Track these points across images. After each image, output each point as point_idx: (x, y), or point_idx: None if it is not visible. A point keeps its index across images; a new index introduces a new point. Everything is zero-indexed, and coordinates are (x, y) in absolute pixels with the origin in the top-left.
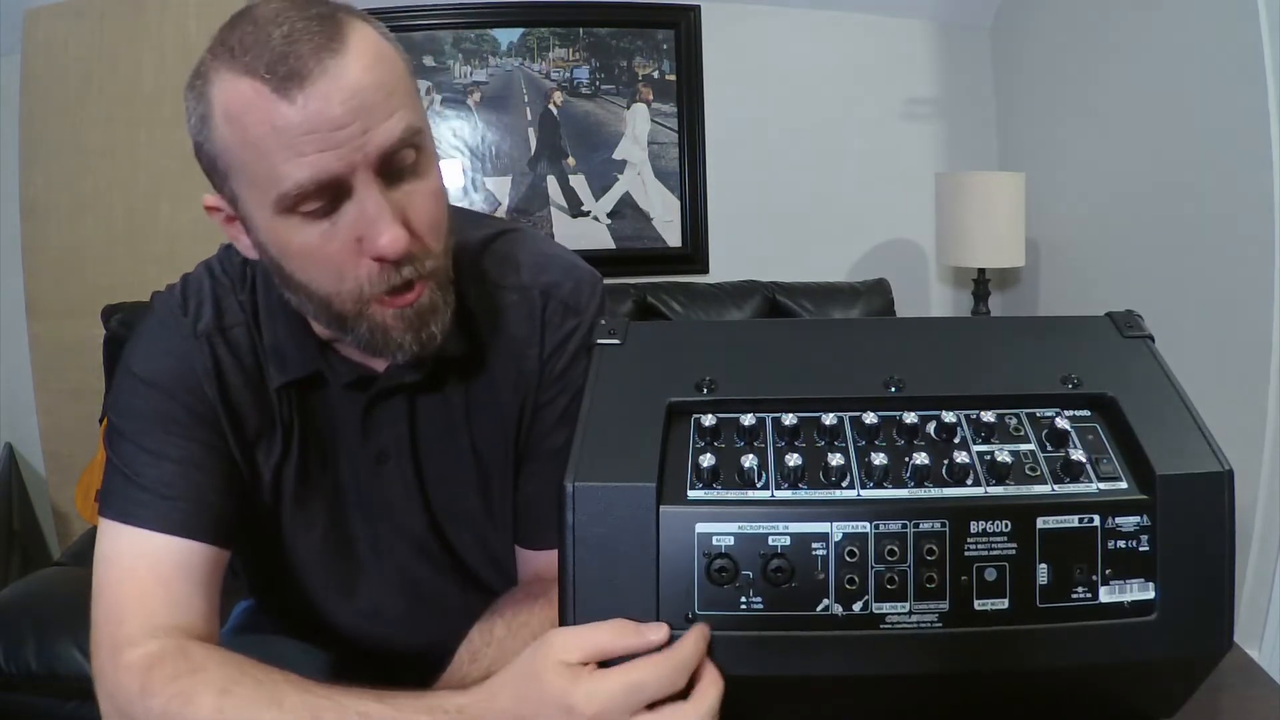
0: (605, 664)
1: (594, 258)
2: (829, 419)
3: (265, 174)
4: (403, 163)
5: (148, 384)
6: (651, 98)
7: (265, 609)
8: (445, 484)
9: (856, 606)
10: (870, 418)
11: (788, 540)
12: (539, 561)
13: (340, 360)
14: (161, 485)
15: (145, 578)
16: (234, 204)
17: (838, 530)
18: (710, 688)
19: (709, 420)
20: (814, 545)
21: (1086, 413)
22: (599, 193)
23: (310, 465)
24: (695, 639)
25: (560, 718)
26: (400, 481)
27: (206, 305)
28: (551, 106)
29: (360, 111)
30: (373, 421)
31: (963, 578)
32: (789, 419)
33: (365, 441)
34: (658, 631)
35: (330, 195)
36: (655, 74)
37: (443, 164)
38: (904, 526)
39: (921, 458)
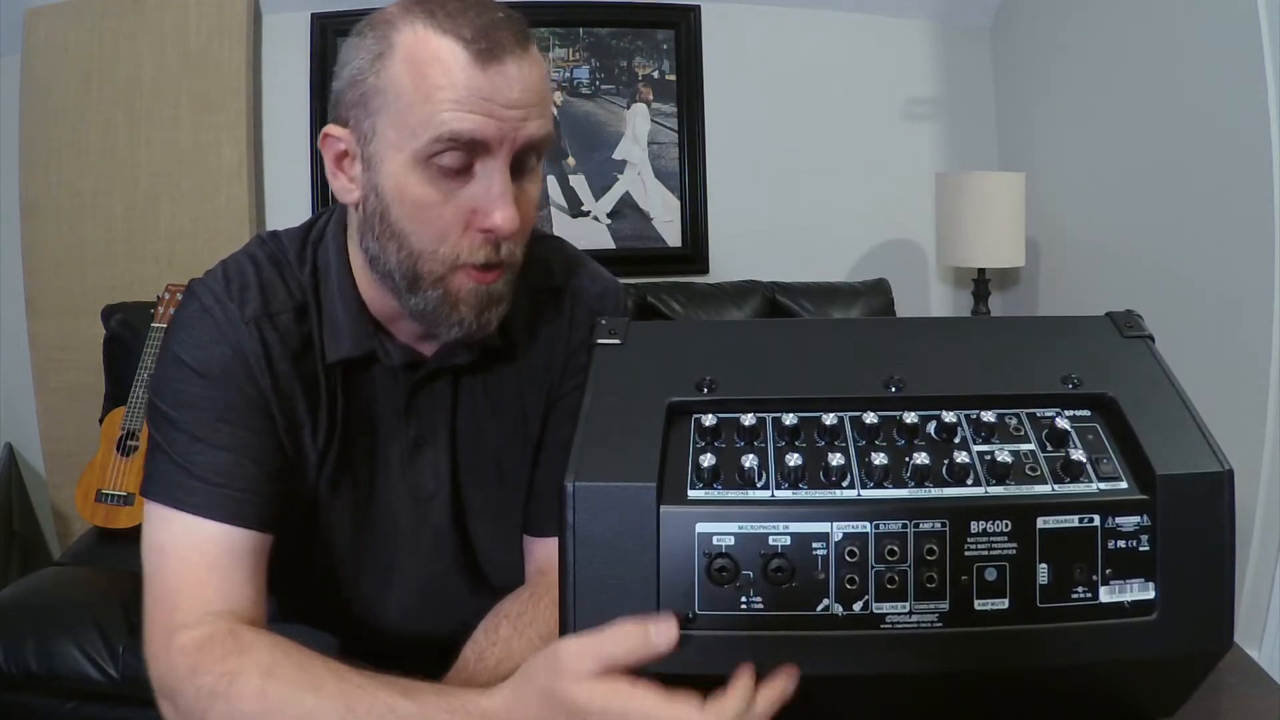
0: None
1: (594, 258)
2: (829, 419)
3: (423, 118)
4: (529, 163)
5: (198, 372)
6: (651, 98)
7: (279, 594)
8: (472, 474)
9: (856, 606)
10: (870, 418)
11: (788, 540)
12: (544, 550)
13: (392, 342)
14: (213, 473)
15: (197, 565)
16: (365, 141)
17: (838, 530)
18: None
19: (709, 420)
20: (814, 545)
21: (1086, 413)
22: (599, 193)
23: (350, 449)
24: (737, 696)
25: None
26: (433, 468)
27: (252, 291)
28: (551, 106)
29: (526, 103)
30: (416, 405)
31: (963, 578)
32: (789, 419)
33: (406, 425)
34: (665, 634)
35: (467, 159)
36: (655, 74)
37: None
38: (904, 526)
39: (921, 458)
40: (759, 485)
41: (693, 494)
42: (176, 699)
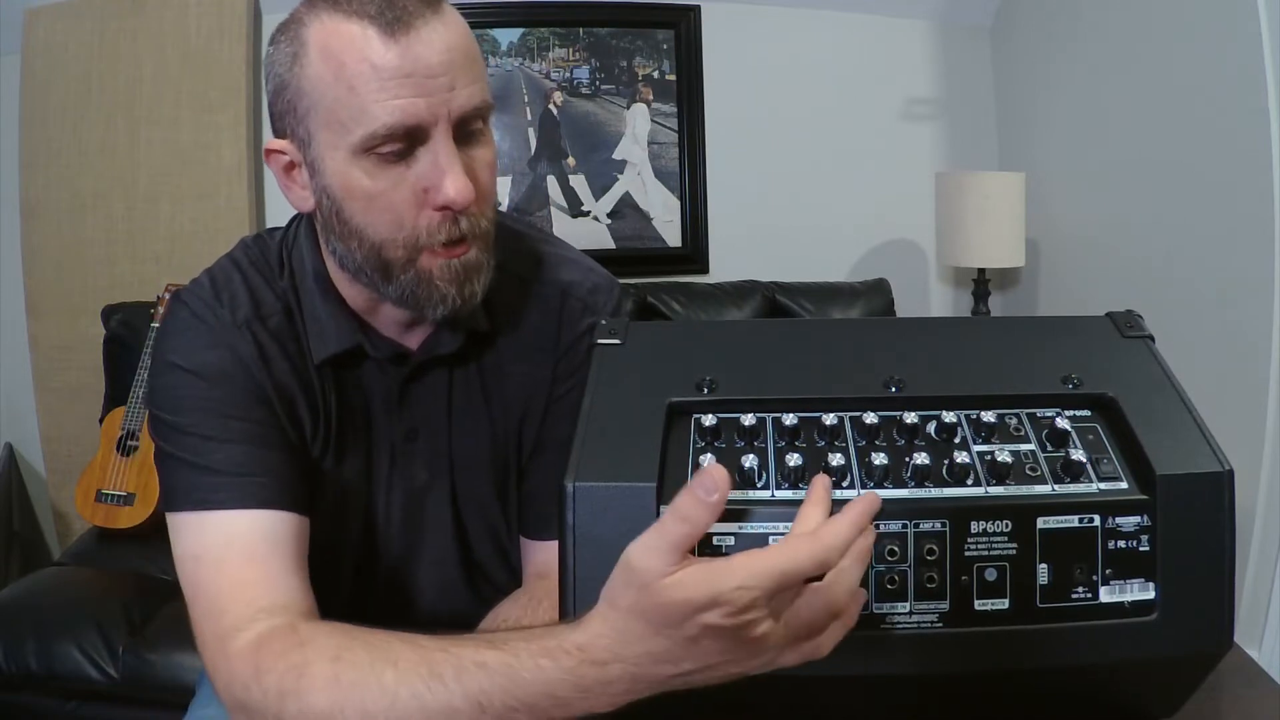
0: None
1: (594, 258)
2: (829, 419)
3: (353, 112)
4: (473, 129)
5: (196, 374)
6: (651, 98)
7: None
8: (467, 468)
9: None
10: (870, 418)
11: None
12: (544, 554)
13: (378, 336)
14: (233, 465)
15: (236, 563)
16: (304, 146)
17: None
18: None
19: (709, 420)
20: None
21: (1087, 413)
22: (599, 193)
23: (345, 447)
24: (850, 521)
25: (707, 617)
26: (427, 460)
27: (241, 296)
28: (551, 106)
29: (452, 68)
30: (409, 398)
31: (963, 578)
32: (789, 419)
33: (399, 417)
34: (718, 482)
35: (409, 141)
36: (655, 74)
37: None
38: (904, 526)
39: (922, 458)
40: (759, 485)
41: None
42: (248, 707)
